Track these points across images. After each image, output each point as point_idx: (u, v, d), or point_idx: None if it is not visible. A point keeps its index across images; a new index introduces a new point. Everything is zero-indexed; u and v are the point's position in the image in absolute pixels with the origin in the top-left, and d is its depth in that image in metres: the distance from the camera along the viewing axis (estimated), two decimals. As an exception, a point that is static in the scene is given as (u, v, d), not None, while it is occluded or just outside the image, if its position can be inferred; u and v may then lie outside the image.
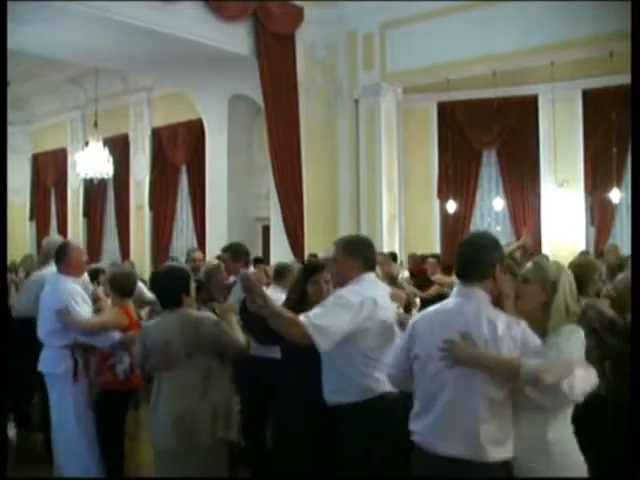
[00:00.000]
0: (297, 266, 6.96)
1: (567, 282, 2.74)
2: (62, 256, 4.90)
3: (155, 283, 4.03)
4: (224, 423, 3.66)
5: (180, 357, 3.61)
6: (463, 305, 2.74)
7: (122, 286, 4.81)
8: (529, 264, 2.88)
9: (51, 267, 5.26)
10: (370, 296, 3.23)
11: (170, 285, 3.76)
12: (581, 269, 3.93)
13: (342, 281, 3.36)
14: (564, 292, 2.71)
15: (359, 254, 3.39)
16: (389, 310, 3.37)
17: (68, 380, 4.67)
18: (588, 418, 2.85)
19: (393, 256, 9.80)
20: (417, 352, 2.79)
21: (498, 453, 2.60)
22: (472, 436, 2.60)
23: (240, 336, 3.75)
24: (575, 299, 2.74)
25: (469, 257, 2.80)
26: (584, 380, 2.58)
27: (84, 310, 4.67)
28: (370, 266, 3.41)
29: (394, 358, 2.99)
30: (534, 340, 2.64)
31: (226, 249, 5.91)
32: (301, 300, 3.66)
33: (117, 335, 4.57)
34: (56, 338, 4.70)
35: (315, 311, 3.17)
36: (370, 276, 3.38)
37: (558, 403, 2.58)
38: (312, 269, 3.83)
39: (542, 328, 2.69)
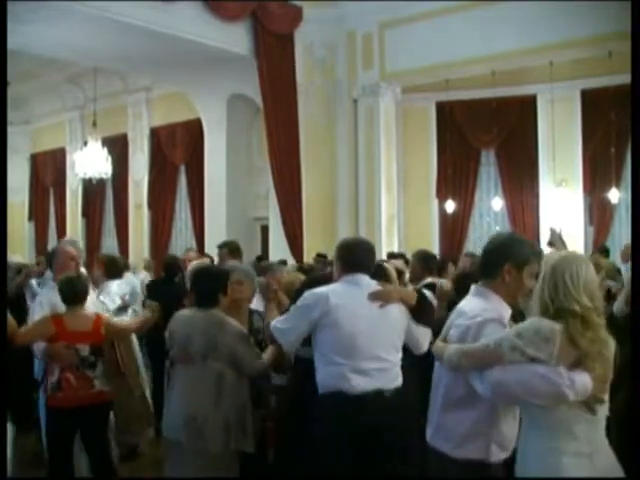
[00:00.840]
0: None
1: (546, 277, 2.51)
2: (51, 262, 4.93)
3: (194, 280, 4.09)
4: (237, 435, 3.67)
5: (196, 356, 3.70)
6: (463, 303, 2.88)
7: (63, 292, 4.36)
8: None
9: None
10: (325, 293, 3.35)
11: (208, 284, 3.85)
12: None
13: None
14: (541, 286, 2.52)
15: (339, 256, 3.53)
16: (359, 309, 3.33)
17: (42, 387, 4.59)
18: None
19: (393, 256, 9.79)
20: None
21: (457, 451, 2.71)
22: (434, 424, 2.83)
23: (265, 357, 3.76)
24: (568, 297, 2.44)
25: (480, 257, 2.95)
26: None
27: (32, 320, 4.56)
28: (352, 267, 3.45)
29: None
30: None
31: (223, 245, 6.38)
32: None
33: (41, 346, 4.28)
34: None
35: (284, 314, 3.53)
36: (351, 277, 3.43)
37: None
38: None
39: None
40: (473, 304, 2.77)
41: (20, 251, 15.37)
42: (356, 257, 3.48)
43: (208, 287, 3.83)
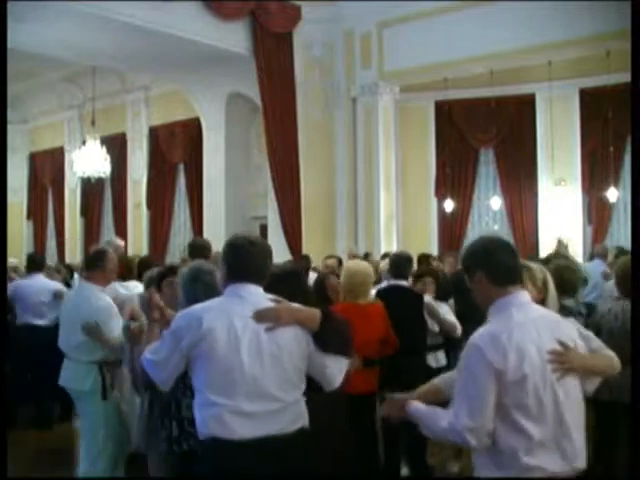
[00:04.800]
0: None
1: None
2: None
3: None
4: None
5: None
6: None
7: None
8: None
9: None
10: (198, 314, 2.60)
11: None
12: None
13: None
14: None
15: (224, 259, 2.73)
16: (241, 333, 2.57)
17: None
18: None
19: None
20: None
21: None
22: None
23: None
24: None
25: None
26: None
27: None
28: (240, 275, 2.68)
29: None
30: None
31: None
32: None
33: None
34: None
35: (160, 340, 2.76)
36: (236, 288, 2.67)
37: None
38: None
39: None
40: None
41: (18, 251, 15.35)
42: (245, 261, 2.67)
43: None
